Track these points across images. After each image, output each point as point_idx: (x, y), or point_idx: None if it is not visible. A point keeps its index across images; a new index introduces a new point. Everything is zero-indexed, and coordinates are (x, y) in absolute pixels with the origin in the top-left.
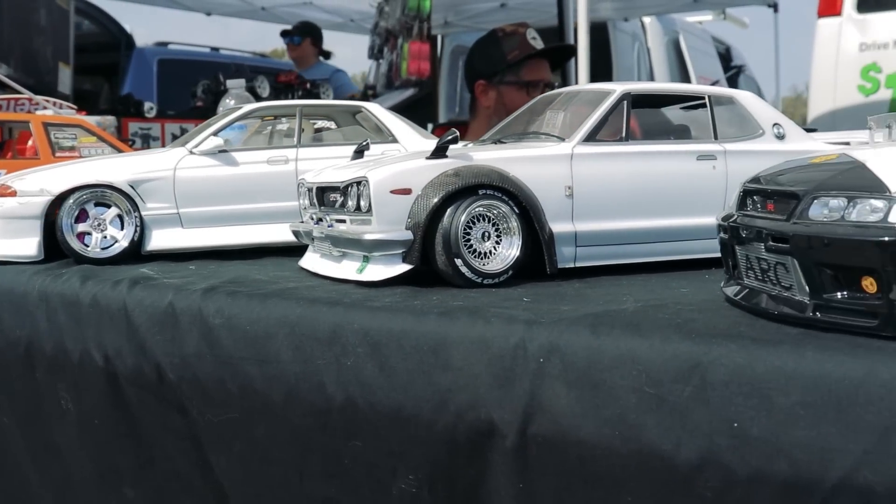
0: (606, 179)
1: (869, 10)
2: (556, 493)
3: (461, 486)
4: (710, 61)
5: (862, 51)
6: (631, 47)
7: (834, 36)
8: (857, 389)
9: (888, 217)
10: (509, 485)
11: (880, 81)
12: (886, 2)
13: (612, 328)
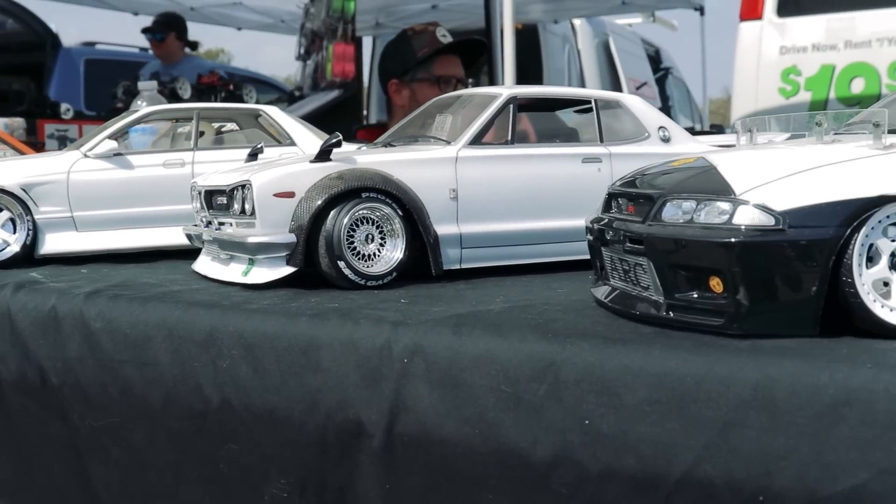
0: (491, 182)
1: (789, 15)
2: (421, 493)
3: (331, 489)
4: (639, 63)
5: (782, 54)
6: (561, 49)
7: (755, 39)
8: (698, 386)
9: (733, 219)
10: (377, 486)
11: (800, 84)
12: (805, 6)
13: (473, 329)
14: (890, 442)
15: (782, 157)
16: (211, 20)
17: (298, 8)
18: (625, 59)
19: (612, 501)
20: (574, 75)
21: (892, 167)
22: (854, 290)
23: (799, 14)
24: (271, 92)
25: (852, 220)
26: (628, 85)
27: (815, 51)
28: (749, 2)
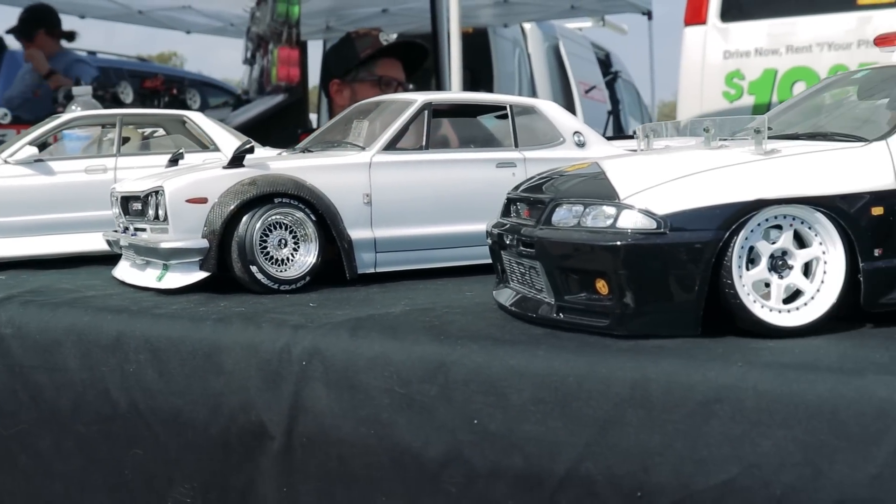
0: (406, 187)
1: (732, 20)
2: (317, 496)
3: (233, 493)
4: (589, 67)
5: (726, 58)
6: (512, 53)
7: (699, 44)
8: (580, 385)
9: (617, 222)
10: (276, 489)
11: (743, 88)
12: (748, 12)
13: (370, 331)
14: (758, 437)
15: (667, 163)
16: (159, 24)
17: (245, 12)
18: (575, 63)
19: (499, 500)
20: (524, 79)
21: (770, 172)
22: (734, 292)
23: (742, 19)
24: (220, 95)
25: (731, 224)
26: (578, 88)
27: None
28: (693, 7)
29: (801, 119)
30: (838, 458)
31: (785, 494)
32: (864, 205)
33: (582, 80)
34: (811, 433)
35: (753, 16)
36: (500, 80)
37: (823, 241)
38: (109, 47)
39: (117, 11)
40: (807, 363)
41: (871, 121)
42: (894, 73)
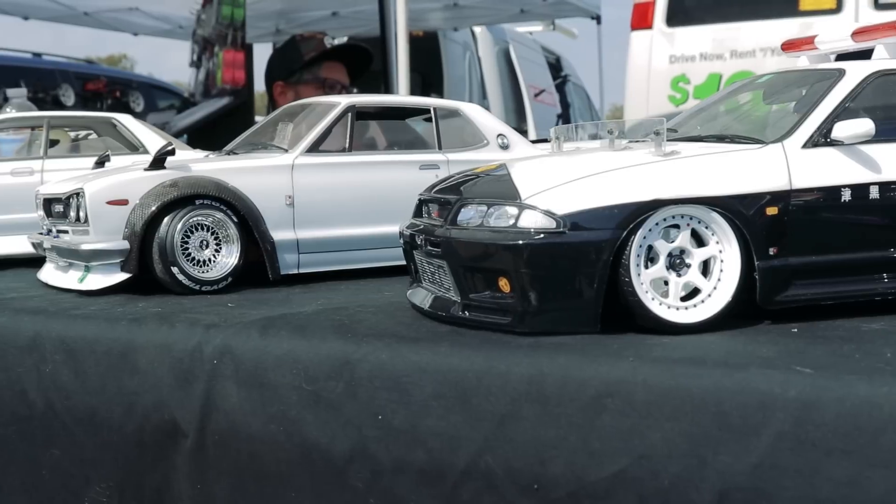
0: (328, 189)
1: (678, 25)
2: (230, 492)
3: (149, 491)
4: (539, 70)
5: (672, 63)
6: (462, 56)
7: (646, 48)
8: (479, 381)
9: (518, 222)
10: (190, 486)
11: (689, 92)
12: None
13: (280, 330)
14: (647, 429)
15: (569, 164)
16: (106, 25)
17: (192, 14)
18: (525, 66)
19: (403, 494)
20: (475, 82)
21: (667, 173)
22: (632, 290)
23: (687, 24)
24: (168, 98)
25: (629, 223)
26: (528, 92)
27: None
28: (640, 12)
29: (707, 122)
30: (722, 449)
31: (672, 484)
32: (759, 205)
33: (532, 84)
34: (697, 425)
35: (698, 21)
36: (450, 83)
37: (720, 240)
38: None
39: (62, 13)
40: (695, 358)
41: (770, 124)
42: (796, 78)
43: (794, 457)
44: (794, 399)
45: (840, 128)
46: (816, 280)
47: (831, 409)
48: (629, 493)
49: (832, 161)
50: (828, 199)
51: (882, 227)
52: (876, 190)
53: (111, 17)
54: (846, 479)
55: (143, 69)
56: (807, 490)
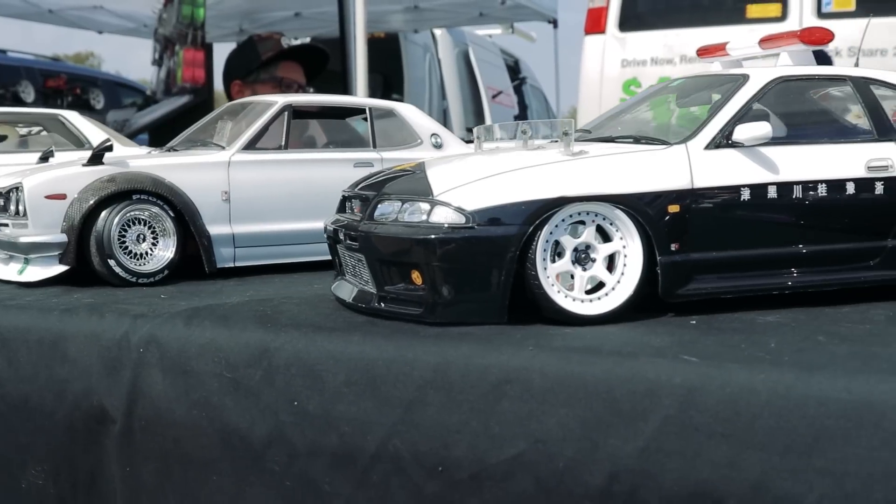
0: (264, 185)
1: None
2: (157, 476)
3: (82, 473)
4: (498, 72)
5: (624, 66)
6: (423, 58)
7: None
8: (388, 369)
9: (430, 218)
10: (120, 469)
11: None
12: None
13: (204, 320)
14: (543, 415)
15: (482, 163)
16: (71, 23)
17: (154, 13)
18: (484, 69)
19: (318, 477)
20: (435, 83)
21: (573, 172)
22: (539, 283)
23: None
24: (132, 96)
25: (535, 219)
26: (487, 93)
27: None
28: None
29: (622, 123)
30: (612, 433)
31: (567, 467)
32: (661, 203)
33: (490, 86)
34: (590, 410)
35: (650, 27)
36: (410, 84)
37: (624, 236)
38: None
39: (27, 10)
40: (591, 347)
41: (677, 126)
42: (705, 82)
43: (678, 440)
44: (680, 386)
45: (740, 130)
46: (717, 275)
47: (713, 396)
48: (527, 475)
49: (733, 162)
50: (728, 198)
51: (780, 224)
52: (774, 190)
53: (76, 15)
54: (725, 461)
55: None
56: (689, 471)
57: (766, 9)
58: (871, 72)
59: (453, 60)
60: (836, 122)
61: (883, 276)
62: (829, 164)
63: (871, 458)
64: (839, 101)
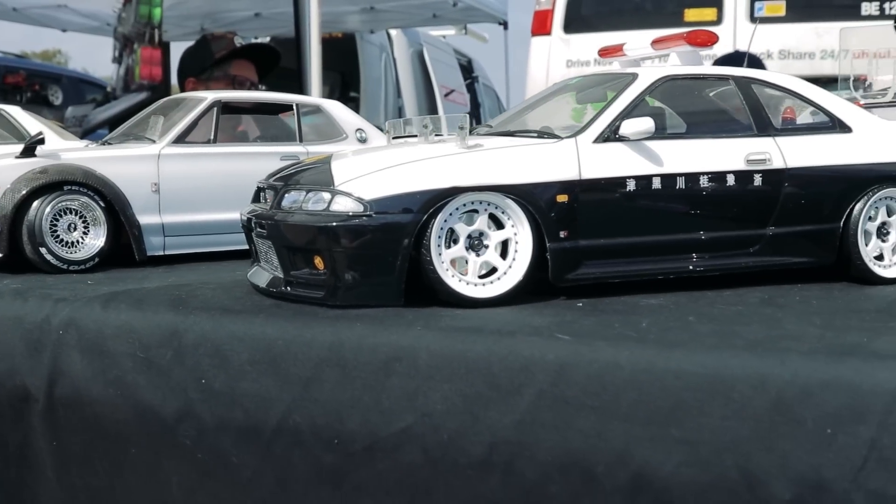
0: (193, 177)
1: (574, 32)
2: (83, 449)
3: (12, 448)
4: (451, 72)
5: (568, 66)
6: (378, 58)
7: (545, 53)
8: (287, 348)
9: (331, 206)
10: (47, 444)
11: None
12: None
13: (120, 303)
14: (429, 390)
15: (383, 155)
16: (35, 21)
17: (114, 12)
18: (438, 68)
19: (227, 450)
20: (390, 82)
21: (466, 163)
22: (433, 268)
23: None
24: (92, 92)
25: (429, 207)
26: (440, 91)
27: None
28: (539, 19)
29: (524, 118)
30: (491, 407)
31: (451, 438)
32: (550, 193)
33: (444, 84)
34: (470, 386)
35: (593, 28)
36: (366, 82)
37: (515, 224)
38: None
39: None
40: (474, 327)
41: (571, 121)
42: (600, 80)
43: (550, 413)
44: (552, 362)
45: (626, 125)
46: (604, 260)
47: (582, 371)
48: (415, 447)
49: (619, 155)
50: (614, 189)
51: (665, 213)
52: (658, 181)
53: (40, 14)
54: (593, 432)
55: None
56: (561, 441)
57: (702, 13)
58: (752, 72)
59: (408, 60)
60: (719, 119)
61: (762, 262)
62: (711, 158)
63: (722, 427)
64: (722, 99)
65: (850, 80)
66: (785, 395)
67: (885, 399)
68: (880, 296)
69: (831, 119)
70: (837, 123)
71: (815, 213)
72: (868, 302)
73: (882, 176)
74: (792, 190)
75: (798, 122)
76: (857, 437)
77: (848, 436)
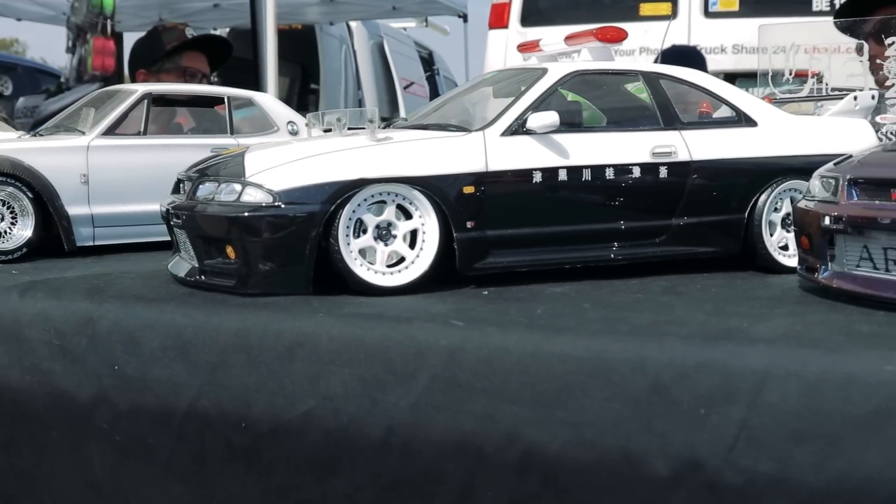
0: (122, 169)
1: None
2: (6, 432)
3: None
4: (412, 64)
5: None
6: (338, 50)
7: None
8: (196, 334)
9: (241, 197)
10: None
11: None
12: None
13: (38, 292)
14: (329, 374)
15: (295, 148)
16: None
17: (67, 1)
18: (398, 60)
19: (142, 433)
20: (350, 74)
21: (374, 155)
22: (341, 257)
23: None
24: (47, 82)
25: (337, 198)
26: (400, 83)
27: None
28: (497, 12)
29: (439, 112)
30: (388, 391)
31: (350, 421)
32: (457, 185)
33: (404, 77)
34: (369, 370)
35: (550, 22)
36: (326, 74)
37: (422, 214)
38: None
39: None
40: (374, 314)
41: (482, 114)
42: (513, 75)
43: (443, 396)
44: (445, 347)
45: (532, 119)
46: (511, 250)
47: (473, 355)
48: (317, 430)
49: (526, 148)
50: (520, 181)
51: (572, 204)
52: (565, 173)
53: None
54: (484, 414)
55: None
56: (454, 424)
57: (657, 7)
58: (661, 67)
59: (368, 52)
60: (626, 113)
61: (669, 252)
62: (617, 150)
63: (603, 409)
64: (630, 92)
65: (768, 75)
66: (662, 377)
67: (754, 380)
68: (779, 284)
69: (737, 113)
70: (743, 117)
71: (721, 204)
72: (765, 290)
73: (786, 168)
74: (697, 182)
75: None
76: (729, 417)
77: (720, 416)
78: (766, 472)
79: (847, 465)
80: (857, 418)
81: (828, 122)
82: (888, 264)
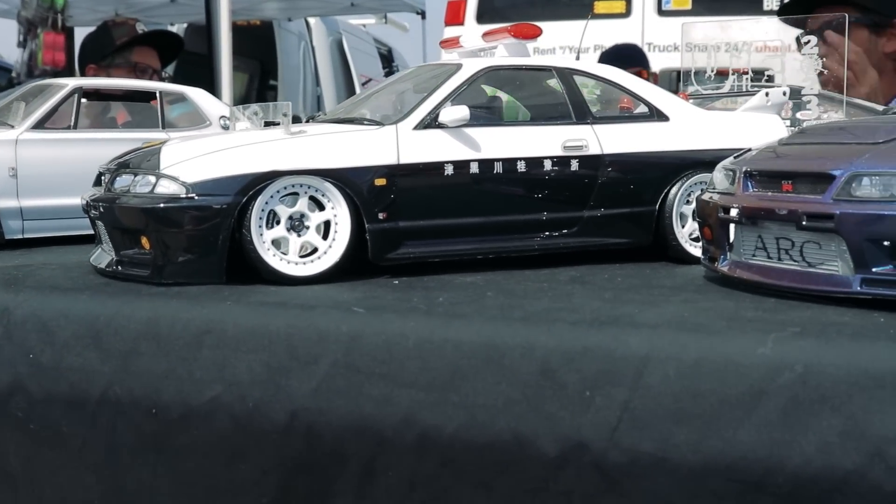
0: (51, 162)
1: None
2: None
3: None
4: (370, 60)
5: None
6: (297, 46)
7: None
8: (108, 323)
9: (155, 189)
10: None
11: None
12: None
13: None
14: (236, 361)
15: (210, 141)
16: None
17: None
18: (357, 57)
19: (55, 421)
20: (309, 70)
21: (287, 149)
22: (254, 247)
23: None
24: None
25: (248, 190)
26: (359, 80)
27: None
28: (453, 9)
29: (357, 107)
30: (291, 376)
31: (256, 406)
32: (369, 177)
33: (363, 73)
34: (273, 356)
35: (505, 19)
36: (285, 70)
37: (335, 206)
38: None
39: None
40: (280, 302)
41: (398, 109)
42: (430, 70)
43: (343, 380)
44: (345, 333)
45: (444, 113)
46: (424, 241)
47: (371, 341)
48: (225, 415)
49: (438, 141)
50: (432, 173)
51: (484, 196)
52: (476, 166)
53: None
54: (382, 397)
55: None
56: (354, 407)
57: (611, 6)
58: (574, 63)
59: (327, 48)
60: (539, 107)
61: (581, 243)
62: (529, 144)
63: (495, 392)
64: (545, 88)
65: (691, 72)
66: (550, 361)
67: (636, 364)
68: (684, 274)
69: (649, 108)
70: (655, 112)
71: (633, 196)
72: (670, 279)
73: (697, 161)
74: (609, 175)
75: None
76: (612, 398)
77: (604, 398)
78: (647, 451)
79: (723, 443)
80: (732, 399)
81: (739, 117)
82: (780, 253)
